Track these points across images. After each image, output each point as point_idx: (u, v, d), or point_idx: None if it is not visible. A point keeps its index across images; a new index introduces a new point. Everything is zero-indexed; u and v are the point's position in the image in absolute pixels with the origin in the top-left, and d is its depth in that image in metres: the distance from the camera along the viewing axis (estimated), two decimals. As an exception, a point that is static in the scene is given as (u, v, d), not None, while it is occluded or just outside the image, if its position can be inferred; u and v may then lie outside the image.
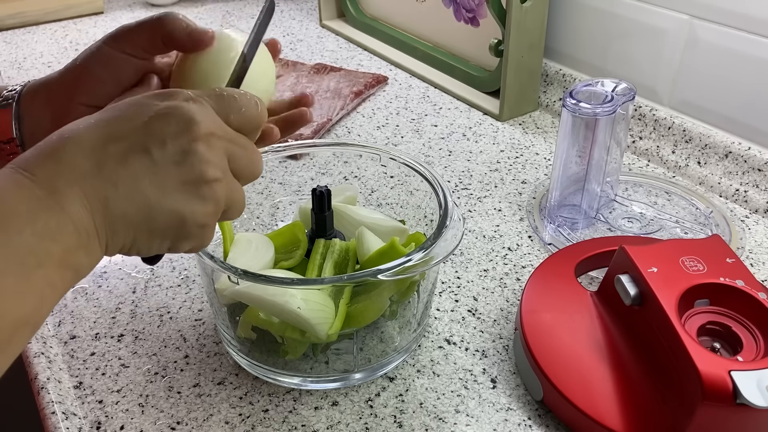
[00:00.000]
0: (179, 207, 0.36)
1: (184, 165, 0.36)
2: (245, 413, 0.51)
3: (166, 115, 0.37)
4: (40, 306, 0.33)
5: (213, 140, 0.37)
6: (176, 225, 0.37)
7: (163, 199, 0.36)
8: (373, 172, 0.66)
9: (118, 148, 0.35)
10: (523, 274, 0.65)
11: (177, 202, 0.36)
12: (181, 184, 0.36)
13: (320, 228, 0.56)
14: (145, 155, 0.36)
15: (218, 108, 0.39)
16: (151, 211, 0.36)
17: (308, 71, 1.07)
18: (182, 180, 0.36)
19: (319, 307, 0.49)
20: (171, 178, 0.36)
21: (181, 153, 0.36)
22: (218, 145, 0.38)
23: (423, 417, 0.51)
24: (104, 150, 0.35)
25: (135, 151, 0.36)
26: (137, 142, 0.36)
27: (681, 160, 0.81)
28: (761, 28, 0.72)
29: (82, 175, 0.34)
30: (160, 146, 0.36)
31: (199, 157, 0.36)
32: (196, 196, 0.37)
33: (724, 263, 0.51)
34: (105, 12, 1.36)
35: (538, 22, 0.88)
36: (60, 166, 0.34)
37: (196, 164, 0.36)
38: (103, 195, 0.34)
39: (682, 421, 0.45)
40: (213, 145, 0.37)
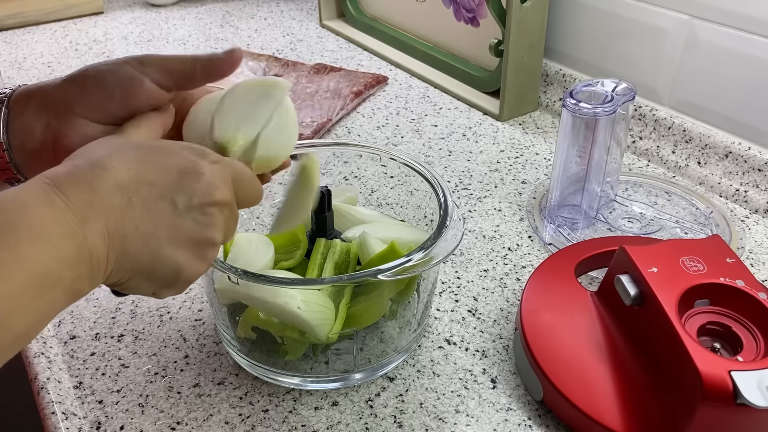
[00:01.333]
0: (182, 261, 0.39)
1: (200, 224, 0.39)
2: (245, 413, 0.51)
3: (198, 174, 0.39)
4: (40, 322, 0.34)
5: (225, 209, 0.40)
6: (172, 276, 0.39)
7: (173, 251, 0.38)
8: (373, 172, 0.66)
9: (150, 191, 0.37)
10: (523, 274, 0.65)
11: (182, 255, 0.39)
12: (192, 241, 0.39)
13: (320, 228, 0.56)
14: (172, 205, 0.38)
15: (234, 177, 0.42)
16: (158, 258, 0.38)
17: (308, 71, 1.07)
18: (194, 237, 0.39)
19: (319, 309, 0.49)
20: (186, 232, 0.38)
21: (201, 213, 0.39)
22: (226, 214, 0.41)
23: (423, 417, 0.51)
24: (137, 190, 0.37)
25: (164, 199, 0.38)
26: (168, 190, 0.38)
27: (681, 160, 0.81)
28: (761, 28, 0.72)
29: (112, 210, 0.36)
30: (186, 201, 0.38)
31: (213, 219, 0.39)
32: (199, 255, 0.40)
33: (724, 263, 0.51)
34: (105, 12, 1.36)
35: (538, 22, 0.88)
36: (93, 195, 0.35)
37: (210, 227, 0.39)
38: (123, 232, 0.36)
39: (682, 421, 0.45)
40: (224, 213, 0.40)
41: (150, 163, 0.38)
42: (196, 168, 0.39)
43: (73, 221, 0.34)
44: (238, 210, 0.43)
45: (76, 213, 0.34)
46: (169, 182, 0.38)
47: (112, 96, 0.44)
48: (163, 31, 1.27)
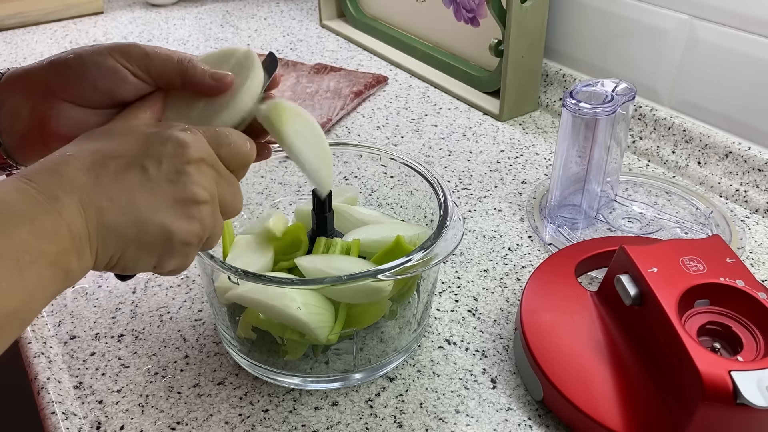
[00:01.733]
0: (168, 223, 0.38)
1: (177, 184, 0.38)
2: (245, 413, 0.51)
3: (163, 138, 0.39)
4: (29, 302, 0.34)
5: (203, 166, 0.40)
6: (163, 240, 0.39)
7: (154, 214, 0.38)
8: (373, 172, 0.66)
9: (117, 164, 0.38)
10: (523, 274, 0.65)
11: (166, 217, 0.38)
12: (172, 201, 0.38)
13: (321, 229, 0.56)
14: (142, 172, 0.38)
15: (210, 139, 0.41)
16: (141, 225, 0.38)
17: (308, 71, 1.07)
18: (174, 198, 0.38)
19: (318, 311, 0.49)
20: (163, 194, 0.38)
21: (175, 172, 0.38)
22: (208, 172, 0.40)
23: (423, 417, 0.51)
24: (103, 166, 0.37)
25: (132, 167, 0.38)
26: (135, 159, 0.38)
27: (681, 160, 0.81)
28: (761, 28, 0.72)
29: (81, 187, 0.36)
30: (156, 164, 0.38)
31: (191, 178, 0.39)
32: (184, 214, 0.39)
33: (724, 263, 0.51)
34: (105, 12, 1.36)
35: (538, 22, 0.88)
36: (61, 179, 0.36)
37: (188, 184, 0.39)
38: (98, 205, 0.36)
39: (682, 421, 0.45)
40: (203, 170, 0.40)
41: (114, 140, 0.39)
42: (161, 134, 0.39)
43: (43, 199, 0.34)
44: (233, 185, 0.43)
45: (46, 193, 0.35)
46: (135, 151, 0.38)
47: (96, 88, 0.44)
48: (163, 31, 1.27)
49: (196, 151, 0.39)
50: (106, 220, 0.37)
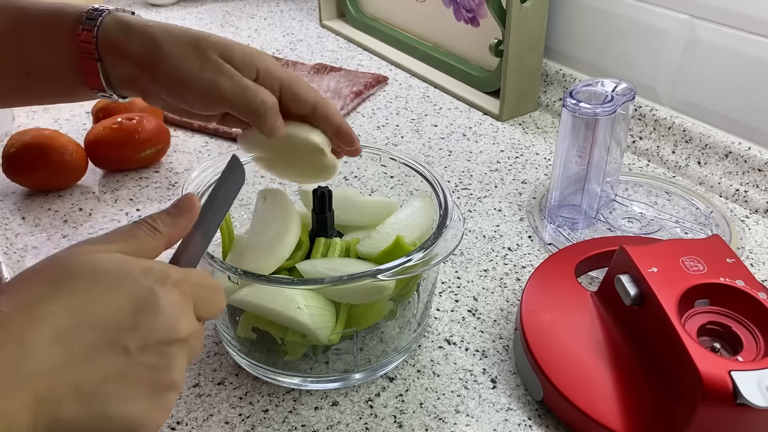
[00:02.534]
0: (137, 414, 0.33)
1: (157, 369, 0.33)
2: (245, 413, 0.51)
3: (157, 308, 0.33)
4: None
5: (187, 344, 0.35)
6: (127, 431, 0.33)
7: (123, 406, 0.32)
8: (373, 172, 0.66)
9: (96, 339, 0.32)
10: (523, 274, 0.65)
11: (136, 409, 0.33)
12: (147, 388, 0.33)
13: (321, 229, 0.56)
14: (123, 352, 0.32)
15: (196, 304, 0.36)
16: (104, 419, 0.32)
17: (308, 71, 1.07)
18: (149, 384, 0.33)
19: (319, 312, 0.49)
20: (138, 380, 0.33)
21: (158, 355, 0.33)
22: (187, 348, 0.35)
23: (423, 417, 0.51)
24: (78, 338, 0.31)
25: (113, 345, 0.32)
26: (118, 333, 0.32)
27: (681, 160, 0.81)
28: (761, 28, 0.72)
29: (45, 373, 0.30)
30: (140, 346, 0.33)
31: (173, 361, 0.34)
32: (158, 403, 0.34)
33: (724, 263, 0.51)
34: (105, 12, 1.36)
35: (538, 22, 0.88)
36: (23, 355, 0.30)
37: (168, 370, 0.34)
38: (58, 398, 0.30)
39: (682, 421, 0.45)
40: (184, 348, 0.35)
41: (98, 300, 0.32)
42: (154, 299, 0.33)
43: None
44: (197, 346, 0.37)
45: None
46: (121, 322, 0.32)
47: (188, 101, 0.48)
48: (163, 31, 1.27)
49: (185, 327, 0.34)
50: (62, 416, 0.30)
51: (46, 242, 0.70)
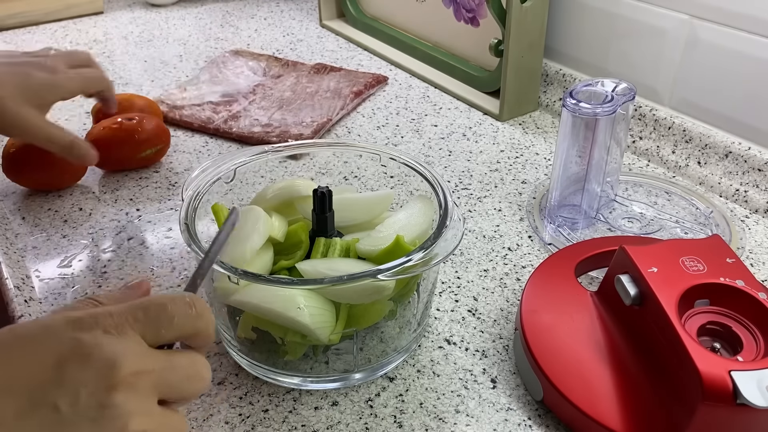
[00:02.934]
0: None
1: (100, 422, 0.29)
2: (245, 413, 0.51)
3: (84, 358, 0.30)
4: None
5: (139, 381, 0.31)
6: None
7: None
8: (373, 172, 0.66)
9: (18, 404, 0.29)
10: (523, 274, 0.65)
11: None
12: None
13: (321, 229, 0.56)
14: (52, 413, 0.29)
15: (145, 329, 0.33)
16: None
17: (308, 71, 1.07)
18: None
19: (319, 312, 0.49)
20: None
21: (98, 407, 0.29)
22: (147, 385, 0.31)
23: (423, 417, 0.51)
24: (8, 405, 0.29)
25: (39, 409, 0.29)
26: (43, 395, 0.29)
27: (681, 160, 0.81)
28: (761, 28, 0.72)
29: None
30: (72, 401, 0.29)
31: (119, 410, 0.30)
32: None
33: (724, 263, 0.51)
34: (105, 12, 1.36)
35: (538, 22, 0.88)
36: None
37: (114, 420, 0.30)
38: None
39: (682, 421, 0.45)
40: (138, 387, 0.31)
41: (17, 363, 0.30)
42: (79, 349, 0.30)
43: None
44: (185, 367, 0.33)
45: None
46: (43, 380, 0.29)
47: None
48: (163, 31, 1.27)
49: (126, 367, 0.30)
50: None
51: (46, 242, 0.70)
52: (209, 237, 0.56)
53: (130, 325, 0.32)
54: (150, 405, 0.32)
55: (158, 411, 0.32)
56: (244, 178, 0.60)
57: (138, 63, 1.13)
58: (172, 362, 0.33)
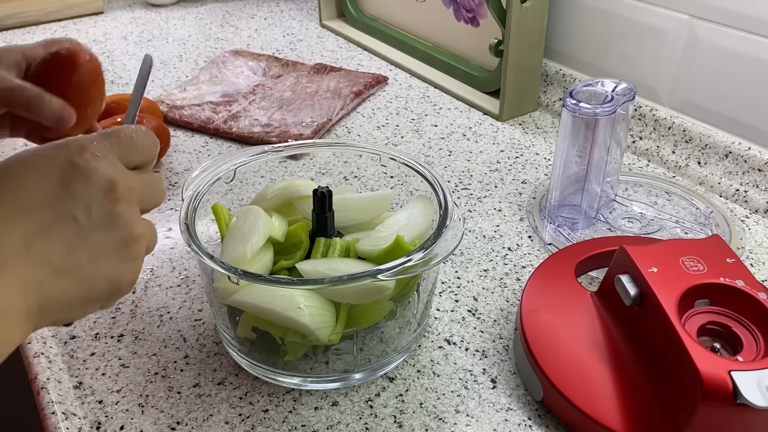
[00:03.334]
0: (113, 271, 0.36)
1: (113, 229, 0.36)
2: (245, 413, 0.51)
3: (87, 177, 0.35)
4: None
5: (131, 195, 0.37)
6: (111, 288, 0.37)
7: (98, 267, 0.35)
8: (373, 172, 0.66)
9: (45, 218, 0.34)
10: (523, 274, 0.65)
11: (110, 267, 0.36)
12: (113, 248, 0.36)
13: (321, 229, 0.56)
14: (73, 222, 0.35)
15: (122, 155, 0.38)
16: (86, 282, 0.35)
17: (308, 71, 1.07)
18: (113, 244, 0.36)
19: (319, 312, 0.49)
20: (101, 243, 0.36)
21: (107, 216, 0.36)
22: (134, 198, 0.38)
23: (423, 417, 0.51)
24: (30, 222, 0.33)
25: (62, 220, 0.34)
26: (63, 209, 0.34)
27: (681, 160, 0.81)
28: (761, 28, 0.72)
29: (13, 256, 0.32)
30: (85, 212, 0.35)
31: (124, 218, 0.36)
32: (127, 257, 0.37)
33: (724, 263, 0.51)
34: (105, 12, 1.36)
35: (538, 22, 0.88)
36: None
37: (123, 226, 0.36)
38: (38, 278, 0.33)
39: (682, 421, 0.45)
40: (131, 200, 0.37)
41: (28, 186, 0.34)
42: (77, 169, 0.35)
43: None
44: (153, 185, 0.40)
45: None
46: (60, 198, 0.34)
47: None
48: (163, 31, 1.27)
49: (121, 184, 0.36)
50: (48, 292, 0.33)
51: (46, 242, 0.70)
52: (209, 237, 0.57)
53: (109, 150, 0.38)
54: (139, 214, 0.38)
55: (144, 219, 0.39)
56: (244, 178, 0.60)
57: (138, 63, 1.13)
58: (144, 180, 0.40)
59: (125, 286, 0.37)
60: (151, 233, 0.40)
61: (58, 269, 0.34)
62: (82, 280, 0.35)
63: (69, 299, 0.35)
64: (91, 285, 0.35)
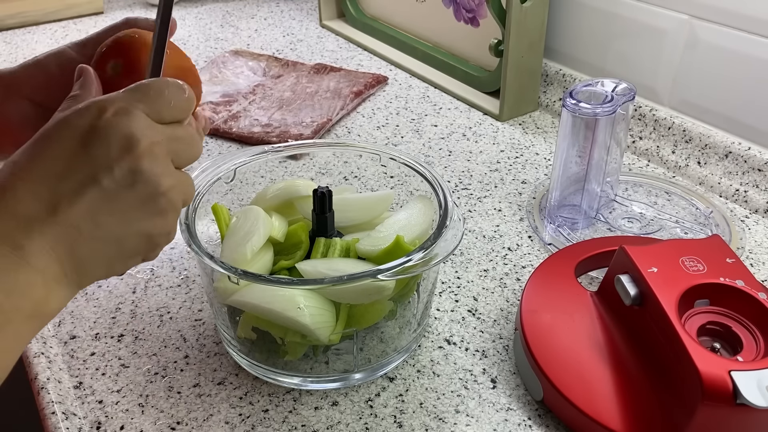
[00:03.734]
0: (144, 227, 0.37)
1: (137, 186, 0.36)
2: (245, 413, 0.51)
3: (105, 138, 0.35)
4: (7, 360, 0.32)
5: (156, 149, 0.37)
6: (146, 243, 0.37)
7: (127, 226, 0.36)
8: (373, 172, 0.66)
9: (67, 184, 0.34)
10: (523, 274, 0.65)
11: (141, 223, 0.36)
12: (140, 205, 0.36)
13: (321, 229, 0.56)
14: (96, 186, 0.35)
15: (150, 110, 0.38)
16: (119, 241, 0.36)
17: (308, 71, 1.07)
18: (139, 200, 0.36)
19: (319, 312, 0.49)
20: (128, 202, 0.36)
21: (130, 174, 0.35)
22: (162, 152, 0.37)
23: (423, 417, 0.51)
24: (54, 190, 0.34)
25: (85, 184, 0.35)
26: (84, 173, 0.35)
27: (681, 160, 0.81)
28: (761, 28, 0.72)
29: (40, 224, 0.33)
30: (107, 173, 0.35)
31: (148, 174, 0.36)
32: (156, 212, 0.37)
33: (724, 263, 0.51)
34: (105, 12, 1.36)
35: (538, 22, 0.88)
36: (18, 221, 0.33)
37: (148, 182, 0.36)
38: (68, 241, 0.34)
39: (682, 421, 0.45)
40: (157, 154, 0.37)
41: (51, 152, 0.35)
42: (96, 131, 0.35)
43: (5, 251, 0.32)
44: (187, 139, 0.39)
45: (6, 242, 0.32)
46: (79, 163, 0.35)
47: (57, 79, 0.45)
48: (163, 31, 1.27)
49: (144, 140, 0.36)
50: (80, 253, 0.34)
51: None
52: (209, 237, 0.57)
53: (134, 105, 0.37)
54: (169, 167, 0.38)
55: (176, 172, 0.39)
56: (244, 178, 0.60)
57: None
58: (175, 133, 0.39)
59: (161, 239, 0.38)
60: (184, 185, 0.39)
61: (86, 233, 0.34)
62: (114, 241, 0.36)
63: (104, 259, 0.36)
64: (123, 243, 0.36)
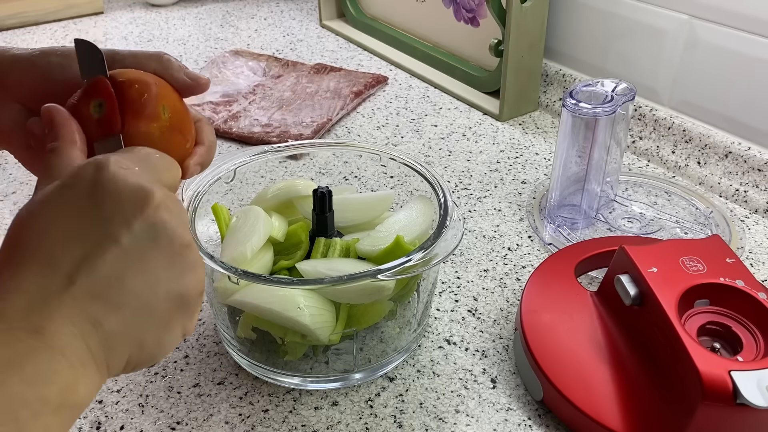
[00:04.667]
0: (174, 287, 0.33)
1: (160, 240, 0.32)
2: (245, 413, 0.51)
3: (115, 191, 0.32)
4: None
5: (169, 202, 0.34)
6: (177, 306, 0.33)
7: (156, 287, 0.32)
8: (373, 172, 0.66)
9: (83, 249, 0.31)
10: (523, 274, 0.65)
11: (170, 282, 0.32)
12: (167, 262, 0.32)
13: (321, 229, 0.56)
14: (115, 245, 0.31)
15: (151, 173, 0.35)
16: (148, 307, 0.32)
17: (308, 71, 1.07)
18: (166, 256, 0.32)
19: (319, 312, 0.49)
20: (154, 259, 0.32)
21: (151, 228, 0.32)
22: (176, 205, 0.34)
23: (423, 417, 0.51)
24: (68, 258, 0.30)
25: (102, 247, 0.31)
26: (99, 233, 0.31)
27: (681, 160, 0.81)
28: (761, 28, 0.72)
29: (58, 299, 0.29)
30: (126, 229, 0.31)
31: (169, 224, 0.33)
32: (185, 267, 0.33)
33: (724, 263, 0.51)
34: (105, 12, 1.36)
35: (538, 22, 0.88)
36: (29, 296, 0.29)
37: (173, 235, 0.33)
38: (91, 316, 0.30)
39: (682, 421, 0.45)
40: (171, 207, 0.34)
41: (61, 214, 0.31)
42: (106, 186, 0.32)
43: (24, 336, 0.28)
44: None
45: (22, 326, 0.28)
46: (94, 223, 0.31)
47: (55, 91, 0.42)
48: (163, 31, 1.27)
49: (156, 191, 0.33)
50: (106, 328, 0.30)
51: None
52: (209, 237, 0.57)
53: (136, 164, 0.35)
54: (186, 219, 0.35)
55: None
56: (244, 178, 0.61)
57: (138, 63, 1.13)
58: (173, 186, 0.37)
59: (193, 300, 0.34)
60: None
61: (112, 302, 0.30)
62: (143, 308, 0.31)
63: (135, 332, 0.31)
64: (154, 310, 0.32)
